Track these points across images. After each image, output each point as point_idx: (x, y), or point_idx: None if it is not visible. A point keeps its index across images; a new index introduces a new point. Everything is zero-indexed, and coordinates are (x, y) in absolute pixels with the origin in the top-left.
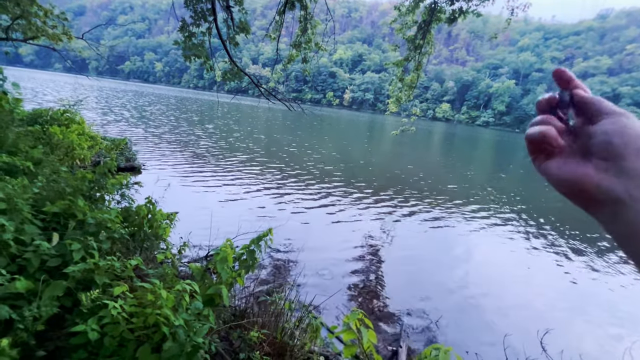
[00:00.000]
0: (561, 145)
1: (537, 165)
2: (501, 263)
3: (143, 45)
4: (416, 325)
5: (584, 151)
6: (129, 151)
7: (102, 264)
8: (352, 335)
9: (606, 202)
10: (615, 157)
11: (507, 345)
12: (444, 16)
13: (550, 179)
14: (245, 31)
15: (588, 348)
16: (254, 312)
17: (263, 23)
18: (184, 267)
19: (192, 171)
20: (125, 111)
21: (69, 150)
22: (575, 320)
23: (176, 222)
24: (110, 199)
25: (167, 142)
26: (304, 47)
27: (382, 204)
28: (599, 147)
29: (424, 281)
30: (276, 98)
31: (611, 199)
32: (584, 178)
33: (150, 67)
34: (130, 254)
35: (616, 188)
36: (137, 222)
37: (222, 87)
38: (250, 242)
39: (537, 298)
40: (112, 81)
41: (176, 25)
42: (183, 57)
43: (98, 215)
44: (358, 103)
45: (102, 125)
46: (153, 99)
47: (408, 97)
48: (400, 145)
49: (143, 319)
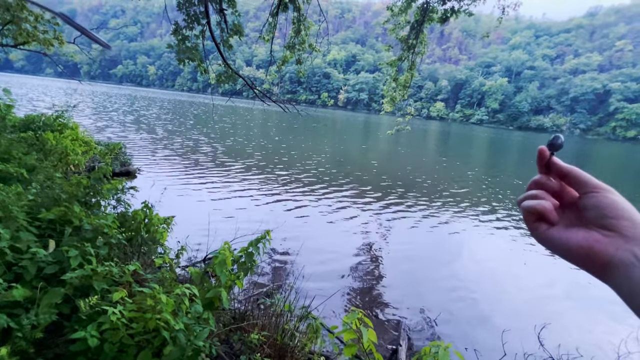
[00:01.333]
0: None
1: (537, 235)
2: (498, 259)
3: (136, 49)
4: (415, 323)
5: (580, 220)
6: (124, 155)
7: (100, 270)
8: (353, 334)
9: (618, 267)
10: (612, 227)
11: (505, 341)
12: (436, 16)
13: (554, 246)
14: (239, 33)
15: (584, 341)
16: (253, 315)
17: (256, 25)
18: (182, 271)
19: (188, 175)
20: (119, 115)
21: (62, 156)
22: (571, 314)
23: (173, 226)
24: (106, 205)
25: (162, 146)
26: (297, 49)
27: (379, 203)
28: (595, 219)
29: (422, 279)
30: (271, 100)
31: (621, 263)
32: (594, 244)
33: (143, 71)
34: (128, 259)
35: (622, 252)
36: (134, 227)
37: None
38: (249, 245)
39: (534, 293)
40: (104, 85)
41: (169, 28)
42: (177, 60)
43: (94, 221)
44: (353, 103)
45: (96, 130)
46: (147, 102)
47: (402, 97)
48: (396, 145)
49: (143, 324)
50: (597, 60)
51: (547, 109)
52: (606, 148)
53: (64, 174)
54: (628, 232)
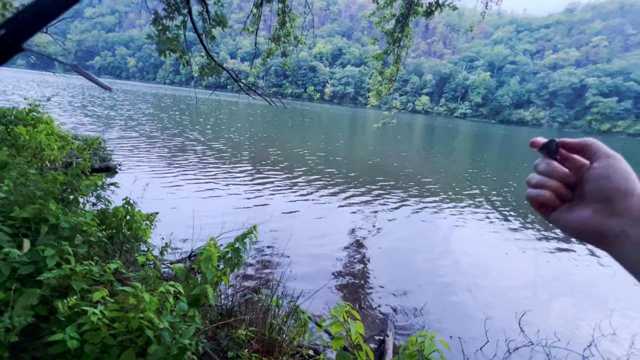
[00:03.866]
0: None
1: (546, 217)
2: (481, 249)
3: (114, 40)
4: (402, 313)
5: (582, 196)
6: (104, 151)
7: (79, 269)
8: (340, 327)
9: (609, 240)
10: (607, 200)
11: (488, 328)
12: (421, 9)
13: (560, 227)
14: (222, 24)
15: (562, 326)
16: (241, 310)
17: (240, 16)
18: (167, 268)
19: (172, 170)
20: (97, 109)
21: (37, 152)
22: (550, 301)
23: (157, 222)
24: (85, 202)
25: (144, 140)
26: (282, 41)
27: (365, 196)
28: (592, 192)
29: (409, 270)
30: (256, 93)
31: (610, 236)
32: (587, 222)
33: (123, 63)
34: (110, 258)
35: (611, 227)
36: (114, 224)
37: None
38: (235, 240)
39: (516, 281)
40: (81, 78)
41: (148, 18)
42: (157, 51)
43: (72, 218)
44: (339, 97)
45: (73, 124)
46: (127, 96)
47: (388, 91)
48: (382, 138)
49: (126, 323)
50: (574, 56)
51: (528, 103)
52: None
53: (39, 170)
54: (617, 205)
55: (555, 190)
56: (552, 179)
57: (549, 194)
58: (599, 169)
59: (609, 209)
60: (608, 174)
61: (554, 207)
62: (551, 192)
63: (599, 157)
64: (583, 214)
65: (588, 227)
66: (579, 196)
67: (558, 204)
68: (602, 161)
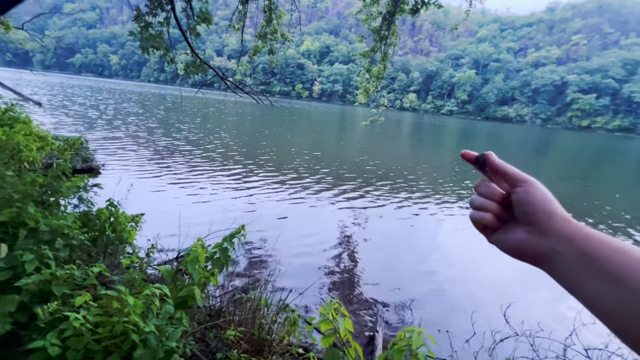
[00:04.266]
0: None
1: (487, 239)
2: (468, 244)
3: (95, 37)
4: (391, 309)
5: (515, 218)
6: (86, 151)
7: (59, 274)
8: (329, 325)
9: (545, 260)
10: (533, 223)
11: (475, 321)
12: (407, 7)
13: (500, 248)
14: (207, 21)
15: (545, 316)
16: (229, 311)
17: (226, 13)
18: (154, 270)
19: (158, 170)
20: (79, 108)
21: (14, 153)
22: (534, 293)
23: (143, 224)
24: (67, 204)
25: (129, 140)
26: (269, 38)
27: (353, 193)
28: (519, 216)
29: (398, 266)
30: (243, 91)
31: (545, 256)
32: (522, 244)
33: (105, 60)
34: (93, 261)
35: (544, 247)
36: (98, 226)
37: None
38: (223, 240)
39: (501, 275)
40: (61, 76)
41: (131, 14)
42: (140, 49)
43: (53, 221)
44: (327, 95)
45: (53, 124)
46: (110, 94)
47: (376, 88)
48: (371, 136)
49: (110, 328)
50: (555, 54)
51: (512, 100)
52: (563, 137)
53: (17, 172)
54: (543, 226)
55: (494, 212)
56: (491, 200)
57: (489, 216)
58: (520, 194)
59: (538, 231)
60: (529, 199)
61: (494, 229)
62: (491, 215)
63: (516, 182)
64: (518, 235)
65: (524, 249)
66: (513, 218)
67: (498, 226)
68: (522, 186)
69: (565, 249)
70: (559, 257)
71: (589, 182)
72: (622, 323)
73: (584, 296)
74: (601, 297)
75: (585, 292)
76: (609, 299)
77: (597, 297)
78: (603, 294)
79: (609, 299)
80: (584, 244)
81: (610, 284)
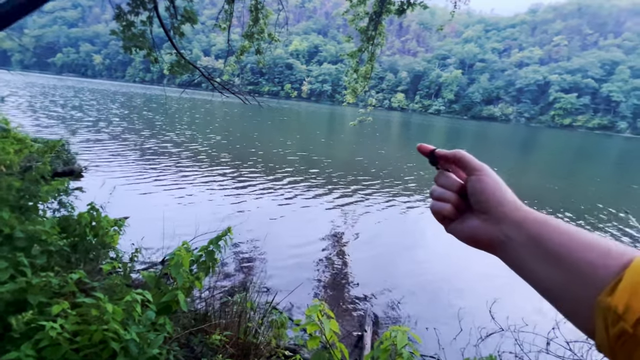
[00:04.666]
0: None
1: (445, 228)
2: (454, 243)
3: (77, 35)
4: (380, 308)
5: (471, 207)
6: (67, 153)
7: (35, 282)
8: (315, 326)
9: (498, 246)
10: (485, 211)
11: (461, 318)
12: (393, 7)
13: (457, 237)
14: (192, 20)
15: (529, 311)
16: (215, 315)
17: (213, 12)
18: (138, 275)
19: (143, 172)
20: (61, 110)
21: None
22: (518, 289)
23: (127, 228)
24: (45, 208)
25: (113, 142)
26: (256, 38)
27: (341, 193)
28: (473, 205)
29: (386, 266)
30: (230, 91)
31: (498, 242)
32: (476, 231)
33: (88, 60)
34: (73, 267)
35: (496, 233)
36: (78, 231)
37: (172, 80)
38: (209, 243)
39: (486, 272)
40: (41, 76)
41: (114, 13)
42: (123, 48)
43: (29, 227)
44: (316, 95)
45: (33, 126)
46: (94, 95)
47: (364, 88)
48: (359, 136)
49: (88, 336)
50: (538, 54)
51: (497, 99)
52: (547, 135)
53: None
54: (496, 213)
55: (453, 203)
56: (450, 191)
57: (448, 206)
58: (473, 183)
59: (490, 218)
60: (481, 187)
61: (453, 219)
62: (450, 205)
63: (470, 170)
64: (472, 223)
65: (478, 236)
66: (470, 208)
67: (457, 216)
68: (474, 175)
69: (514, 233)
70: (509, 242)
71: (570, 178)
72: (568, 306)
73: (532, 278)
74: (547, 278)
75: (533, 274)
76: (553, 280)
77: (543, 278)
78: (549, 275)
79: (554, 280)
80: (532, 227)
81: (554, 265)
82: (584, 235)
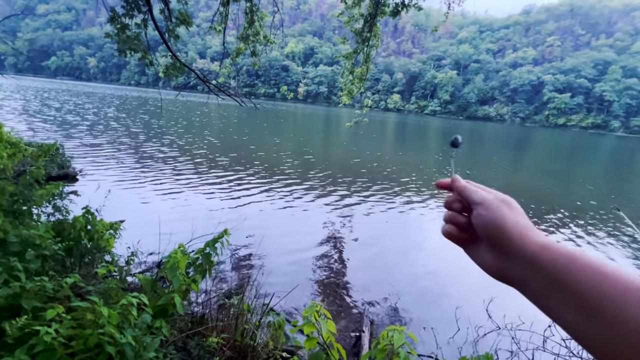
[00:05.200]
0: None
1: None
2: (449, 243)
3: (71, 39)
4: (377, 308)
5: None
6: (62, 157)
7: (29, 286)
8: (312, 327)
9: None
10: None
11: (458, 317)
12: (388, 9)
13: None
14: (187, 23)
15: (525, 309)
16: (212, 317)
17: (208, 14)
18: (134, 278)
19: (138, 175)
20: (56, 113)
21: None
22: None
23: (123, 231)
24: (40, 212)
25: (108, 145)
26: (251, 40)
27: (337, 194)
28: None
29: (383, 266)
30: (226, 93)
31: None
32: (492, 269)
33: (83, 63)
34: (67, 271)
35: (513, 274)
36: (73, 235)
37: (168, 83)
38: (205, 245)
39: (482, 271)
40: (35, 79)
41: (108, 15)
42: (117, 51)
43: (23, 231)
44: (312, 96)
45: (28, 130)
46: (89, 98)
47: (359, 89)
48: (356, 137)
49: (83, 340)
50: (532, 55)
51: (492, 99)
52: (541, 134)
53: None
54: (503, 248)
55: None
56: (460, 214)
57: (454, 229)
58: (474, 218)
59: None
60: (482, 223)
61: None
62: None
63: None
64: (487, 258)
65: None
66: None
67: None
68: (475, 210)
69: (531, 274)
70: (527, 283)
71: (563, 176)
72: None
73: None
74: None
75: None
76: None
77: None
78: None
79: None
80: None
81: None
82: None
